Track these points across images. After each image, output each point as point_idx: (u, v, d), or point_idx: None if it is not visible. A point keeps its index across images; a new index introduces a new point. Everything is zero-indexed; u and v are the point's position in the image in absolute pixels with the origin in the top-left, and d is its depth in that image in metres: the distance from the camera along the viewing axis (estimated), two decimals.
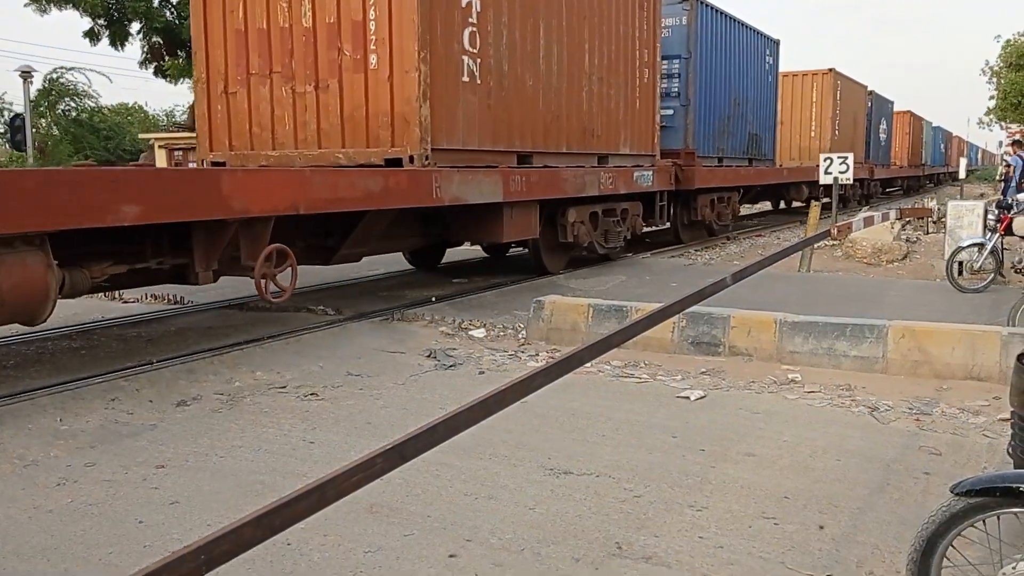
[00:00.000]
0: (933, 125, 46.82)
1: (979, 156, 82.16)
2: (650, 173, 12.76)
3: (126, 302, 9.17)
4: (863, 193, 29.29)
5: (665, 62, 14.15)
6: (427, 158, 8.25)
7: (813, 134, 23.94)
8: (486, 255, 13.36)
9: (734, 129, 17.04)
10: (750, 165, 18.30)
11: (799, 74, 24.22)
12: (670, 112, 14.65)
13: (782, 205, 25.99)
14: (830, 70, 24.15)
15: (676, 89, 14.86)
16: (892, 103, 34.15)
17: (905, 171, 37.59)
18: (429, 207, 8.49)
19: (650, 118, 13.04)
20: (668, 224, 15.17)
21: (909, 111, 38.38)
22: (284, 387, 5.84)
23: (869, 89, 29.25)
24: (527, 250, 11.63)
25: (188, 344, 7.03)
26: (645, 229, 13.90)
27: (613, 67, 11.74)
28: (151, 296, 9.20)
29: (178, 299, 9.10)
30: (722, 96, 16.23)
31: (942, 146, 51.21)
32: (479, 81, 9.06)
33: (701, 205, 15.56)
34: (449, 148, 8.64)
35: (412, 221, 9.66)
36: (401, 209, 8.35)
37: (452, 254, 12.64)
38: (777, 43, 19.37)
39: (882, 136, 31.83)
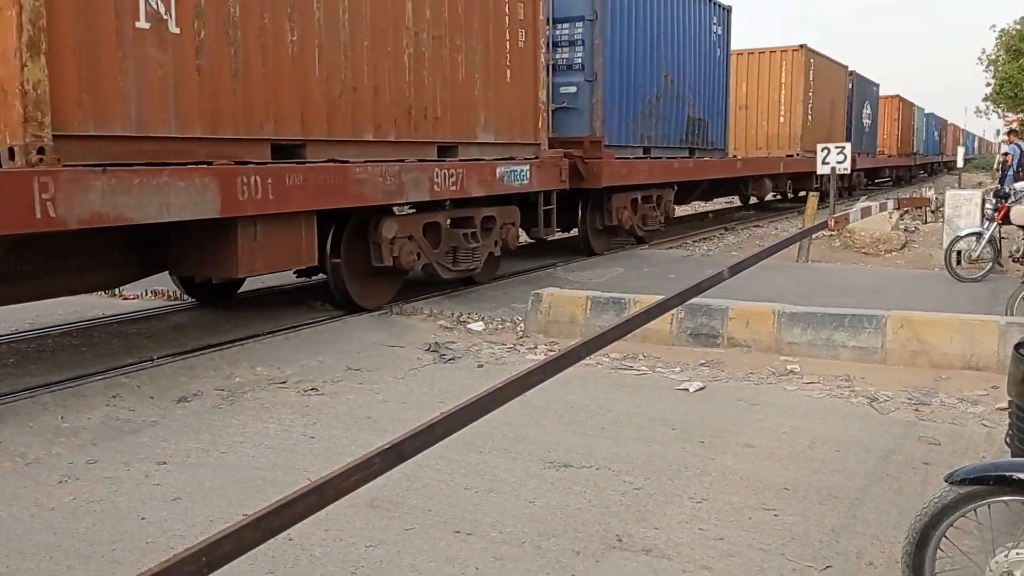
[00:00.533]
0: (925, 111, 44.62)
1: (976, 144, 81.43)
2: (526, 168, 9.63)
3: (126, 299, 9.18)
4: (844, 185, 26.01)
5: (564, 25, 11.77)
6: (41, 151, 4.99)
7: (782, 120, 21.35)
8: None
9: (666, 113, 13.95)
10: (691, 156, 15.07)
11: (765, 51, 21.55)
12: (572, 90, 11.92)
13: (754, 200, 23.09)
14: (801, 46, 21.42)
15: (579, 60, 11.90)
16: (877, 86, 31.44)
17: (894, 160, 35.16)
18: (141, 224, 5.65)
19: (530, 96, 9.87)
20: (560, 232, 12.33)
21: (897, 95, 35.85)
22: (284, 382, 5.85)
23: (850, 69, 26.70)
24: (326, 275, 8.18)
25: (188, 340, 7.04)
26: (529, 240, 11.32)
27: (462, 23, 8.64)
28: (151, 292, 9.20)
29: (178, 295, 9.10)
30: (647, 71, 13.20)
31: (936, 134, 49.00)
32: (175, 28, 5.82)
33: (617, 207, 12.58)
34: (101, 135, 5.46)
35: (105, 246, 6.47)
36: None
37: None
38: (728, 10, 16.31)
39: (866, 122, 29.24)
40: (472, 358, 6.56)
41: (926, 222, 16.31)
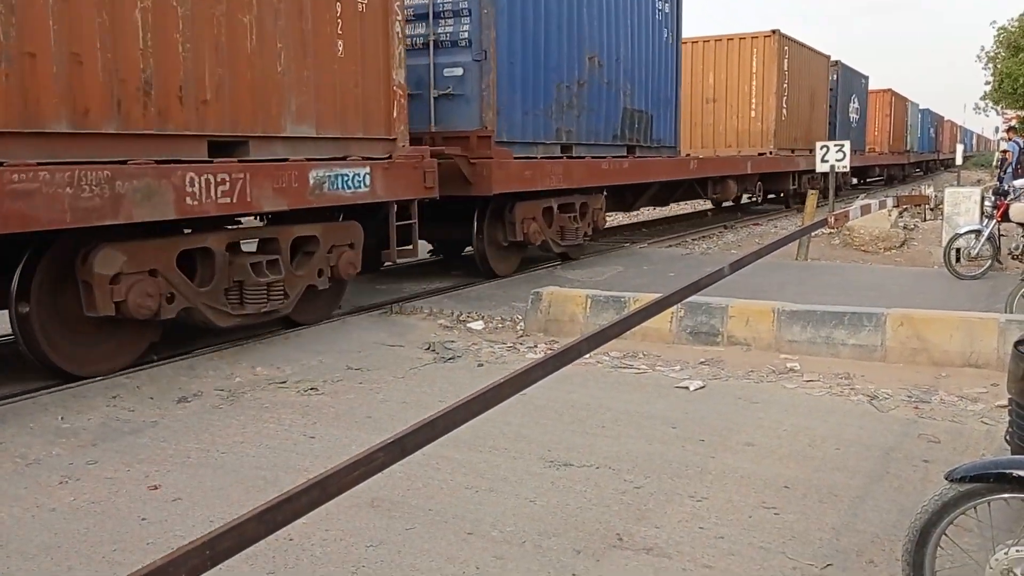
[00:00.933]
0: (920, 107, 42.79)
1: (974, 142, 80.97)
2: (364, 172, 7.35)
3: None
4: (826, 186, 24.04)
5: None
6: None
7: (754, 114, 19.35)
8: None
9: (593, 103, 11.51)
10: (629, 156, 12.60)
11: (734, 38, 19.56)
12: (457, 72, 9.48)
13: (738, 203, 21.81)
14: (773, 31, 19.38)
15: (466, 35, 9.43)
16: (866, 79, 29.24)
17: (885, 158, 32.92)
18: None
19: (377, 76, 7.64)
20: (423, 252, 9.96)
21: (889, 89, 33.46)
22: (284, 382, 5.86)
23: (833, 60, 24.66)
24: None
25: (188, 340, 7.03)
26: (395, 262, 8.74)
27: None
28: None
29: None
30: (564, 51, 10.73)
31: (931, 131, 46.99)
32: None
33: (522, 218, 10.11)
34: None
35: None
36: None
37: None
38: None
39: (853, 117, 27.26)
40: (472, 357, 6.56)
41: (925, 220, 16.33)
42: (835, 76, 24.86)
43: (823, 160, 13.46)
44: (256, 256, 6.82)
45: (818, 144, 14.12)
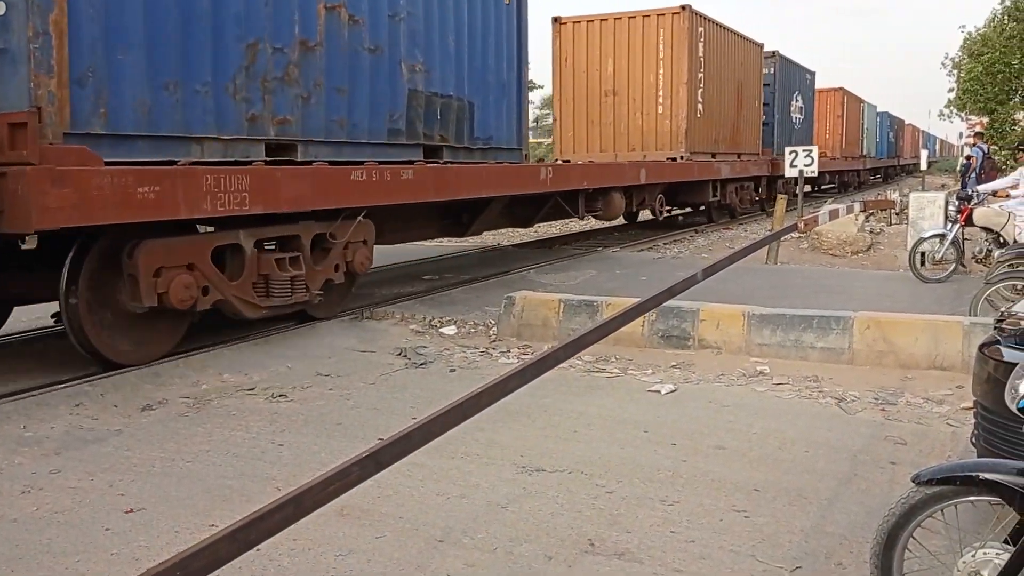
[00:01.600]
0: (878, 109, 39.60)
1: (937, 147, 78.20)
2: None
3: None
4: (758, 198, 20.94)
5: None
6: None
7: (661, 110, 15.89)
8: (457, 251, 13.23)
9: (341, 79, 7.69)
10: (426, 160, 8.77)
11: (636, 15, 15.83)
12: None
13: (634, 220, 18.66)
14: (682, 8, 15.61)
15: None
16: (812, 74, 25.73)
17: (838, 163, 28.95)
18: None
19: None
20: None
21: (840, 88, 30.03)
22: (252, 389, 5.79)
23: (769, 50, 21.04)
24: None
25: None
26: None
27: None
28: None
29: None
30: None
31: (891, 135, 43.69)
32: None
33: (154, 266, 6.01)
34: None
35: None
36: None
37: (422, 250, 12.59)
38: None
39: (796, 117, 24.08)
40: (444, 362, 6.53)
41: (891, 224, 16.53)
42: (771, 69, 21.41)
43: (791, 165, 13.58)
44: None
45: (787, 149, 14.23)
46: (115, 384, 5.76)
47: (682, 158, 15.97)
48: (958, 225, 9.73)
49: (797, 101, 24.33)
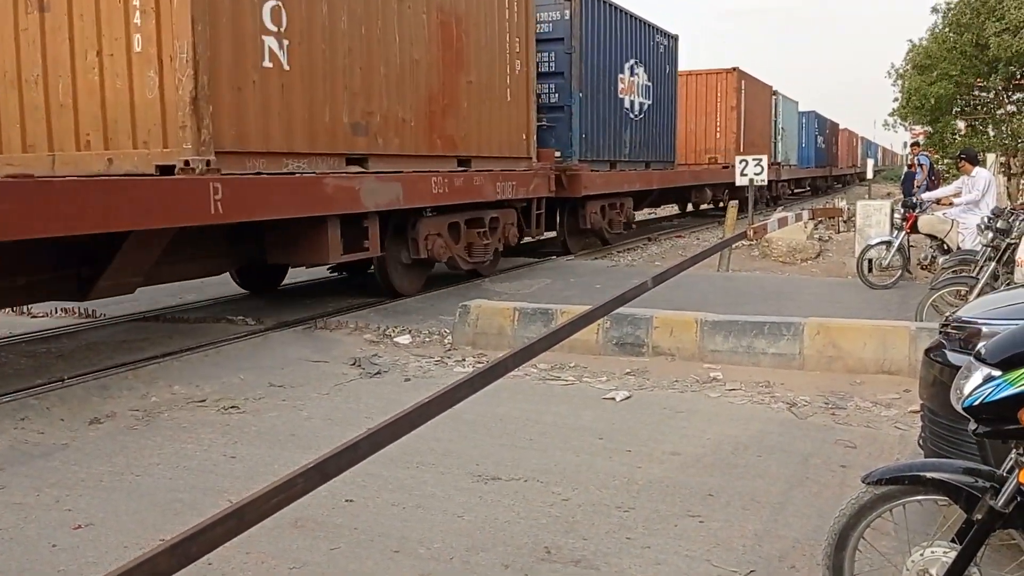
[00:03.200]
0: (801, 108, 32.49)
1: (880, 154, 70.57)
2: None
3: (34, 316, 8.81)
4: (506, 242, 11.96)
5: None
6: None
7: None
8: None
9: None
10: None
11: None
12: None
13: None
14: None
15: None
16: (671, 39, 17.42)
17: (729, 174, 17.63)
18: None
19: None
20: None
21: (735, 69, 21.75)
22: (203, 401, 5.69)
23: None
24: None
25: (101, 359, 6.78)
26: None
27: None
28: (61, 310, 8.85)
29: (90, 312, 8.78)
30: None
31: (820, 139, 36.28)
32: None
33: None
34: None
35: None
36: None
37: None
38: None
39: (636, 103, 15.82)
40: (399, 372, 6.49)
41: (839, 232, 16.86)
42: (565, 15, 13.04)
43: (742, 174, 13.77)
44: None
45: (737, 158, 14.31)
46: (61, 397, 5.63)
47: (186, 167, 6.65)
48: (904, 232, 9.96)
49: (638, 77, 15.87)
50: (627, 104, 15.56)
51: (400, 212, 9.12)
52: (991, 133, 24.48)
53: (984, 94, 24.61)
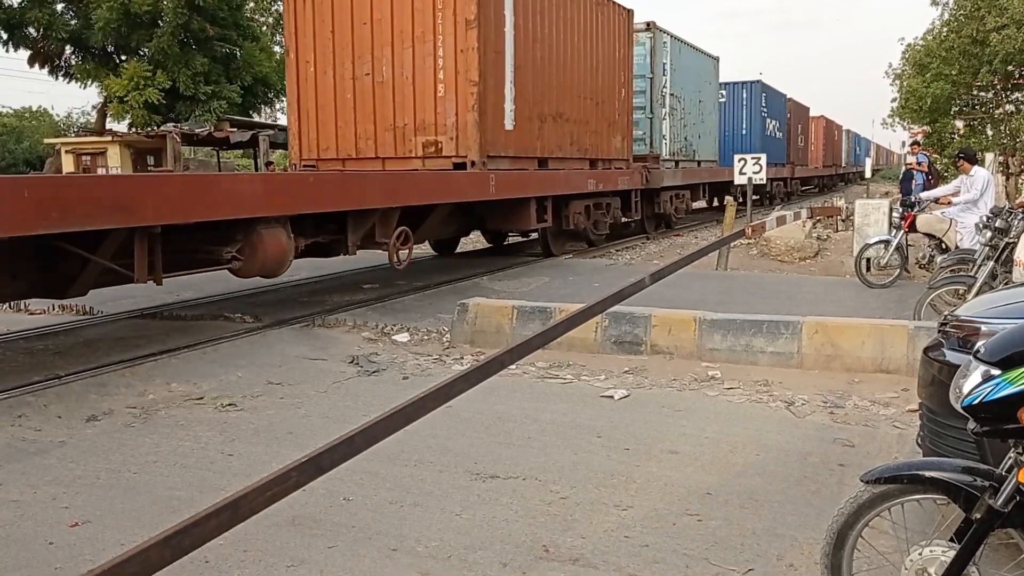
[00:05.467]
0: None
1: (874, 153, 69.50)
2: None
3: (32, 313, 8.79)
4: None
5: None
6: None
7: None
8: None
9: None
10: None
11: None
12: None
13: None
14: None
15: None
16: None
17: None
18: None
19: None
20: None
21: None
22: (201, 398, 5.68)
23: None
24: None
25: (98, 356, 6.77)
26: None
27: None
28: (59, 307, 8.84)
29: (87, 309, 8.77)
30: None
31: (770, 124, 26.66)
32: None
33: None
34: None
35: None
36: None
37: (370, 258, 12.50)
38: None
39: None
40: (397, 370, 6.48)
41: (837, 231, 16.87)
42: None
43: (740, 172, 13.75)
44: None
45: (735, 156, 14.32)
46: (59, 394, 5.62)
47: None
48: (902, 232, 9.96)
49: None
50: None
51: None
52: (989, 132, 24.50)
53: (983, 94, 24.63)
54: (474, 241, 16.31)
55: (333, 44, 11.24)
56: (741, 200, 18.10)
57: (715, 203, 25.49)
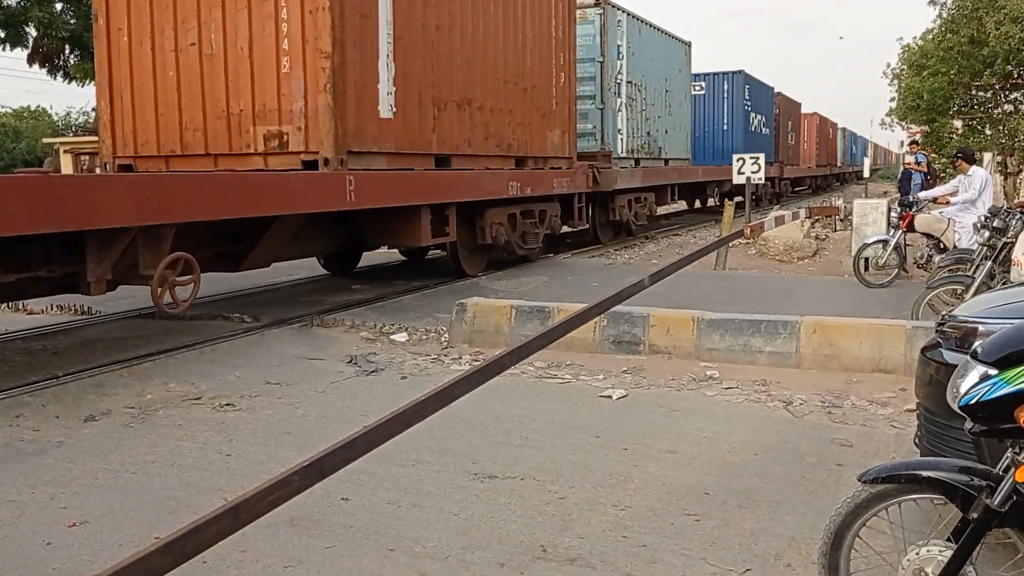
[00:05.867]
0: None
1: (872, 152, 67.21)
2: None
3: (31, 313, 8.78)
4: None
5: None
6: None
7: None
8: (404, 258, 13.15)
9: None
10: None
11: None
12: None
13: None
14: None
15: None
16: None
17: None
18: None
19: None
20: None
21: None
22: (199, 398, 5.68)
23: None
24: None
25: (96, 356, 6.76)
26: None
27: None
28: (56, 306, 8.83)
29: (86, 309, 8.76)
30: None
31: (755, 120, 24.65)
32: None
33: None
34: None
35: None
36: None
37: (367, 257, 12.50)
38: None
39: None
40: (395, 370, 6.48)
41: (836, 230, 16.88)
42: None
43: (739, 172, 13.76)
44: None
45: (734, 156, 14.29)
46: (56, 395, 5.61)
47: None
48: (900, 231, 9.97)
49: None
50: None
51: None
52: (988, 132, 24.49)
53: (981, 93, 24.64)
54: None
55: (151, 5, 8.53)
56: (717, 204, 17.72)
57: (697, 204, 24.04)
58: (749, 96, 24.19)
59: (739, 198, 16.29)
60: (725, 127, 23.22)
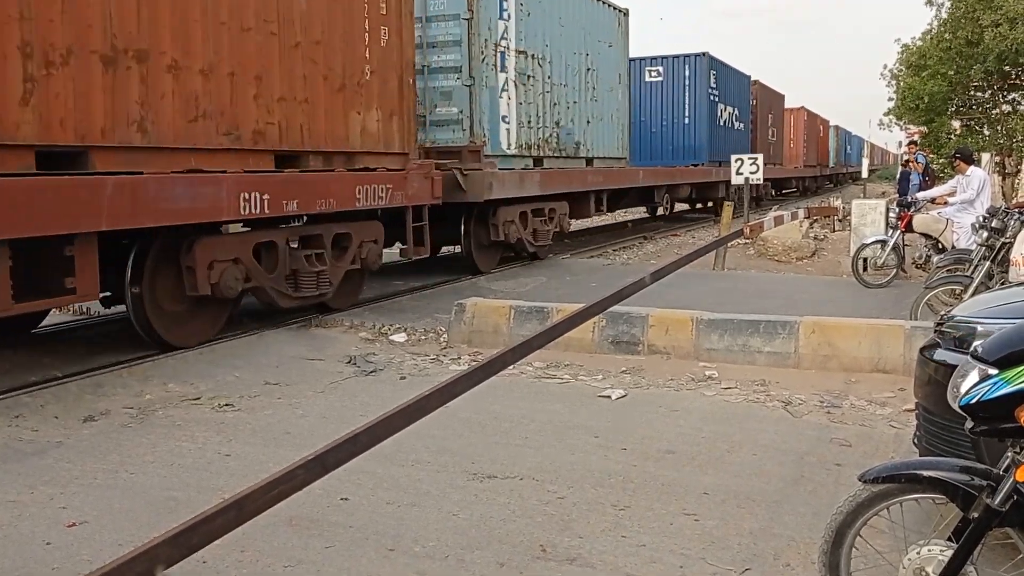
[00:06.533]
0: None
1: (867, 151, 67.05)
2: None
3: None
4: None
5: None
6: None
7: None
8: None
9: None
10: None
11: None
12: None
13: None
14: None
15: None
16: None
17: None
18: None
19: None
20: None
21: None
22: (198, 399, 5.67)
23: None
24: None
25: (95, 357, 6.76)
26: None
27: None
28: (56, 307, 8.81)
29: (84, 310, 8.75)
30: None
31: (726, 112, 21.96)
32: None
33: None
34: None
35: None
36: None
37: None
38: None
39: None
40: (394, 370, 6.48)
41: (834, 231, 16.89)
42: None
43: (737, 172, 13.76)
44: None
45: (732, 157, 14.29)
46: (55, 395, 5.61)
47: None
48: (899, 231, 9.98)
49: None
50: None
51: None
52: (986, 132, 24.54)
53: (979, 93, 24.69)
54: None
55: None
56: (666, 212, 16.74)
57: (661, 211, 20.53)
58: (715, 84, 20.71)
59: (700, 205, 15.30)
60: (686, 120, 19.90)
